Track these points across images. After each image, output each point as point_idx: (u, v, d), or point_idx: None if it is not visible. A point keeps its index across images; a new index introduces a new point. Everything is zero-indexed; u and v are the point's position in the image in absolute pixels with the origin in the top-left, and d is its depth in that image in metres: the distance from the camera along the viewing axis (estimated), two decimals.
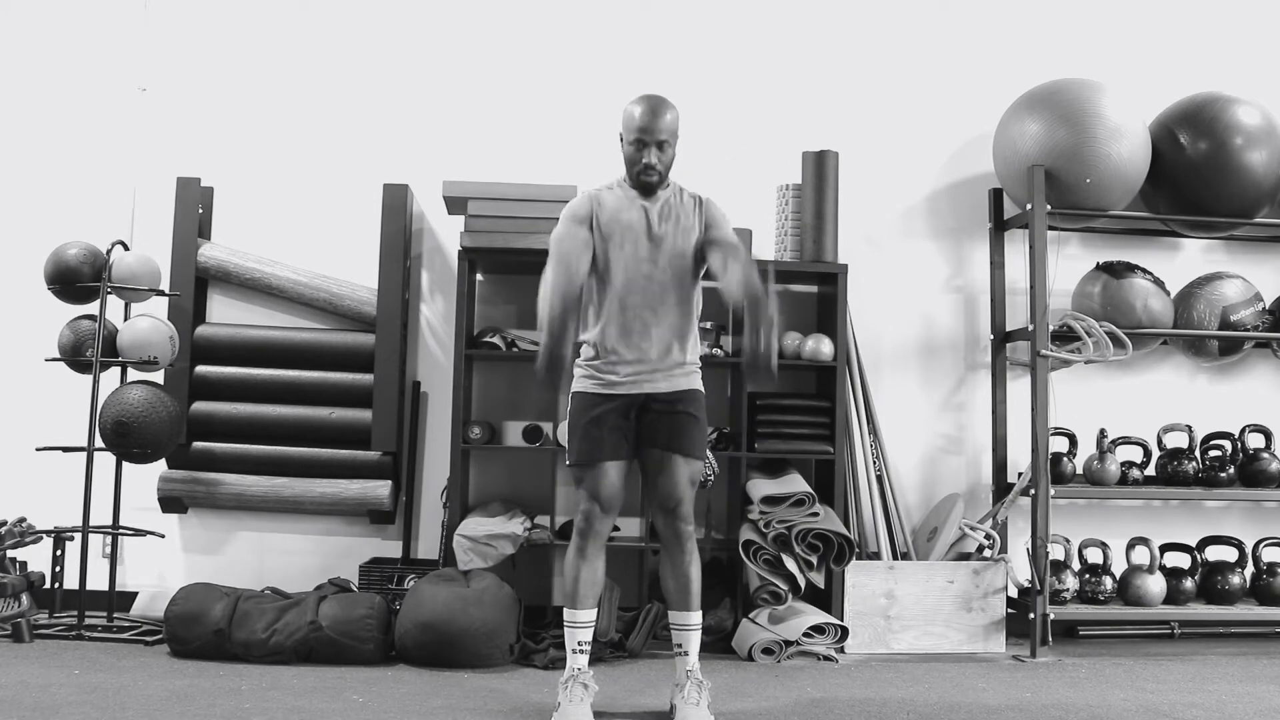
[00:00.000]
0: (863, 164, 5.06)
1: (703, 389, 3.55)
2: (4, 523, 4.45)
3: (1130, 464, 4.92)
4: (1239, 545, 4.85)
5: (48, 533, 4.51)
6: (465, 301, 4.65)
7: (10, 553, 4.43)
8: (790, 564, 4.41)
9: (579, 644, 3.43)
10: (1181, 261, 5.23)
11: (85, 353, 4.49)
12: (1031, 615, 4.53)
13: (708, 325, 4.72)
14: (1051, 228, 4.86)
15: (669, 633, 3.58)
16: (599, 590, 3.48)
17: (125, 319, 4.68)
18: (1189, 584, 4.76)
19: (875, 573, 4.62)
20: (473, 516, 4.63)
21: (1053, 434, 4.79)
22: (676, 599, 3.49)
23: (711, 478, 4.45)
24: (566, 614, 3.45)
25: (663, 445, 3.45)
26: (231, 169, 5.01)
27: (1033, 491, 4.61)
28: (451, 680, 3.88)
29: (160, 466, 4.80)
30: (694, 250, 3.48)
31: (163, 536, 4.70)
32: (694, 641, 3.49)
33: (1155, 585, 4.70)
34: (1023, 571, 4.83)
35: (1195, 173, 4.78)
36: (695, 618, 3.49)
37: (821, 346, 4.71)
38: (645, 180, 3.46)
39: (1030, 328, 4.71)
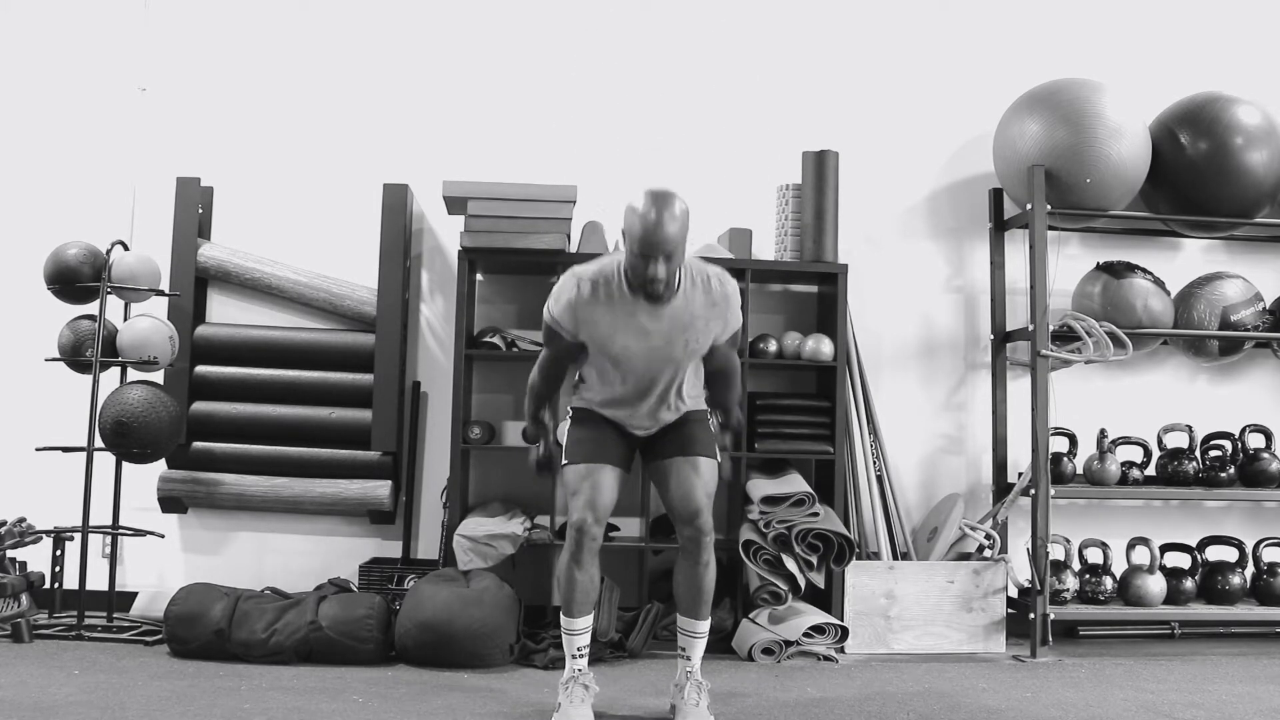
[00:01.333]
0: (863, 164, 5.06)
1: (706, 406, 3.55)
2: (4, 523, 4.45)
3: (1130, 464, 4.92)
4: (1239, 545, 4.85)
5: (48, 533, 4.51)
6: (465, 301, 4.65)
7: (10, 553, 4.43)
8: (790, 564, 4.41)
9: (578, 650, 3.41)
10: (1181, 261, 5.23)
11: (85, 353, 4.49)
12: (1031, 615, 4.53)
13: None
14: (1051, 228, 4.86)
15: (669, 632, 3.58)
16: (595, 595, 3.44)
17: (125, 319, 4.68)
18: (1189, 584, 4.76)
19: (875, 573, 4.62)
20: (473, 516, 4.63)
21: (1053, 434, 4.79)
22: (687, 604, 3.45)
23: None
24: (564, 622, 3.42)
25: (671, 453, 3.43)
26: (231, 169, 5.01)
27: (1033, 491, 4.61)
28: (451, 680, 3.88)
29: (160, 466, 4.79)
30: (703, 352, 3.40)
31: (162, 536, 4.70)
32: (698, 648, 3.47)
33: (1155, 585, 4.70)
34: (1023, 571, 4.83)
35: (1195, 173, 4.78)
36: (703, 625, 3.46)
37: (821, 346, 4.71)
38: (652, 293, 3.19)
39: (1030, 328, 4.71)
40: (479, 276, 4.97)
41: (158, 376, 4.73)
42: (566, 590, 3.38)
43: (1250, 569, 4.86)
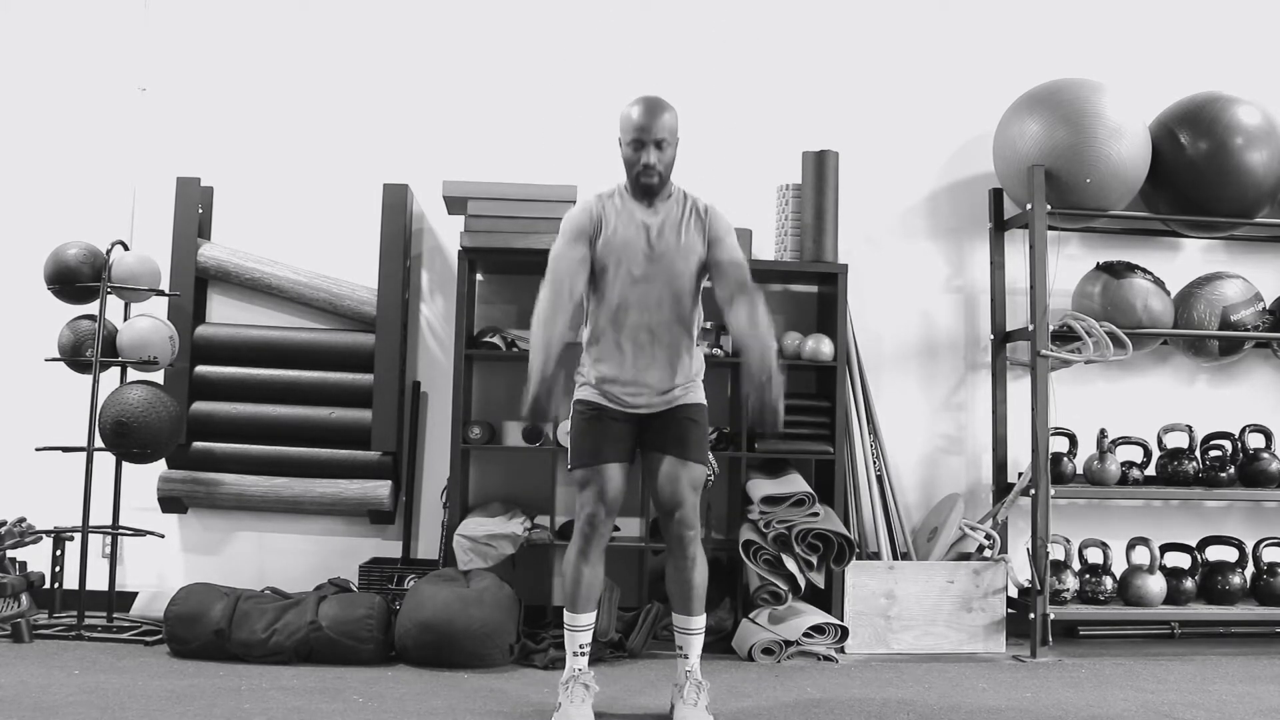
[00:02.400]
0: (863, 164, 5.06)
1: (704, 400, 3.54)
2: (4, 523, 4.45)
3: (1130, 464, 4.92)
4: (1239, 545, 4.85)
5: (48, 533, 4.51)
6: (465, 301, 4.65)
7: (10, 553, 4.42)
8: (790, 564, 4.41)
9: (580, 647, 3.42)
10: (1181, 261, 5.23)
11: (85, 353, 4.49)
12: (1032, 615, 4.53)
13: (708, 325, 4.72)
14: (1051, 228, 4.86)
15: (669, 632, 3.58)
16: (599, 592, 3.46)
17: (125, 319, 4.68)
18: (1189, 584, 4.76)
19: (875, 573, 4.62)
20: (473, 516, 4.63)
21: (1053, 434, 4.79)
22: (679, 601, 3.47)
23: (711, 478, 4.45)
24: (567, 617, 3.43)
25: (663, 449, 3.43)
26: (231, 169, 5.01)
27: (1033, 491, 4.61)
28: (451, 680, 3.88)
29: (160, 466, 4.80)
30: (696, 268, 3.43)
31: (162, 536, 4.70)
32: (695, 645, 3.48)
33: (1155, 585, 4.70)
34: (1023, 571, 4.83)
35: (1195, 173, 4.78)
36: (697, 622, 3.47)
37: (821, 346, 4.71)
38: (645, 181, 3.36)
39: (1030, 328, 4.71)
40: (479, 276, 4.97)
41: (158, 376, 4.73)
42: (572, 586, 3.40)
43: (1250, 569, 4.86)
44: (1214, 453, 4.92)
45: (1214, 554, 4.89)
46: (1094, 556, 4.82)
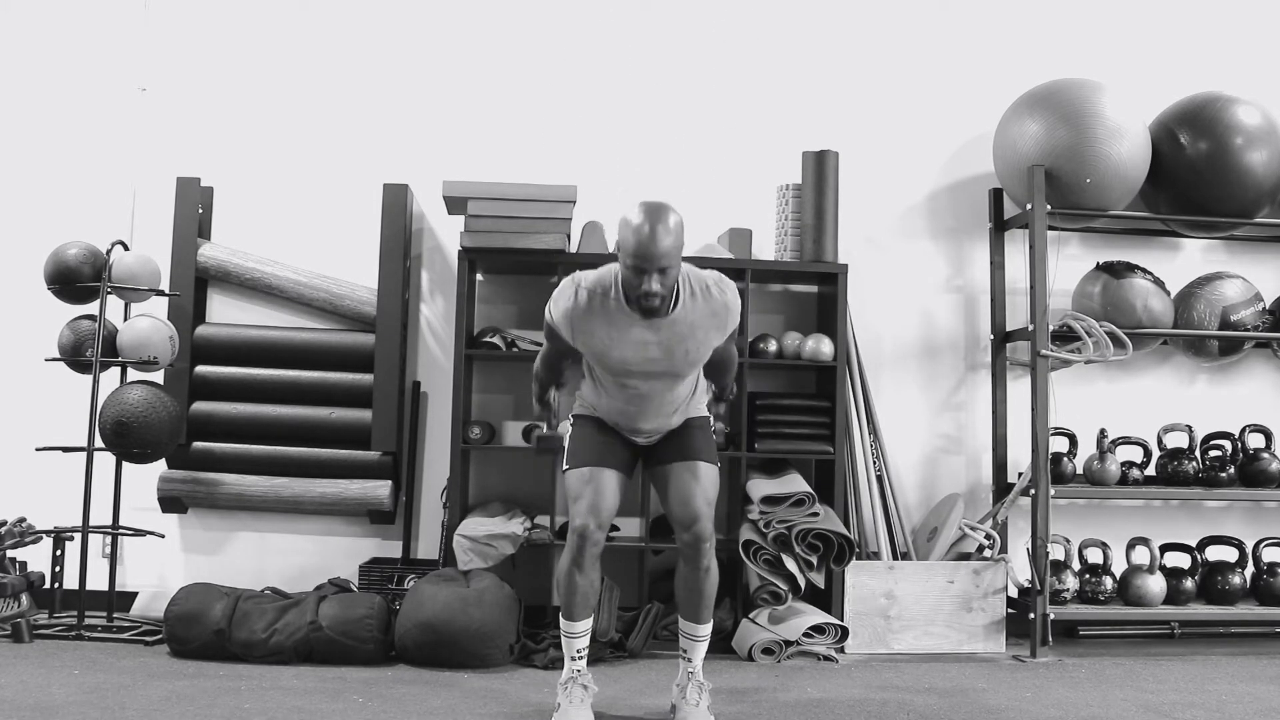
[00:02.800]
0: (863, 164, 5.06)
1: (706, 412, 3.55)
2: (4, 523, 4.45)
3: (1130, 464, 4.92)
4: (1239, 545, 4.85)
5: (48, 533, 4.51)
6: (465, 301, 4.65)
7: (10, 553, 4.42)
8: (790, 564, 4.41)
9: (577, 652, 3.40)
10: (1181, 261, 5.23)
11: (85, 353, 4.49)
12: (1031, 615, 4.53)
13: None
14: (1051, 228, 4.86)
15: (669, 632, 3.58)
16: (595, 599, 3.42)
17: (125, 319, 4.68)
18: (1189, 584, 4.76)
19: (875, 573, 4.62)
20: (473, 516, 4.63)
21: (1053, 434, 4.79)
22: (688, 609, 3.45)
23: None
24: (563, 624, 3.41)
25: (672, 458, 3.42)
26: (231, 169, 5.01)
27: (1033, 491, 4.61)
28: (451, 680, 3.88)
29: (160, 466, 4.79)
30: (707, 357, 3.37)
31: (163, 536, 4.70)
32: (700, 650, 3.47)
33: (1155, 585, 4.69)
34: (1023, 571, 4.83)
35: (1195, 173, 4.78)
36: (704, 629, 3.46)
37: (821, 346, 4.71)
38: (646, 306, 3.13)
39: (1030, 328, 4.71)
40: (479, 276, 4.97)
41: (158, 376, 4.73)
42: (567, 594, 3.37)
43: (1250, 569, 4.86)
44: (1214, 453, 4.92)
45: (1214, 554, 4.89)
46: (1094, 556, 4.82)
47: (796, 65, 5.18)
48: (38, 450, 4.52)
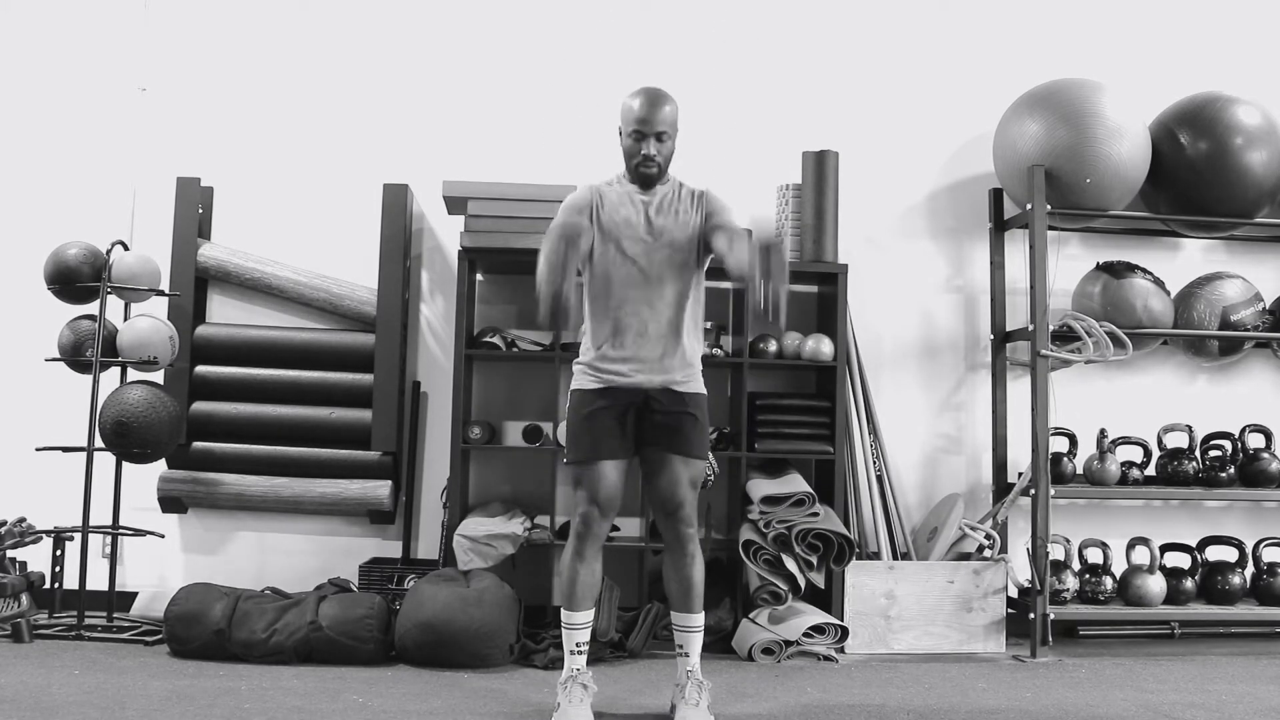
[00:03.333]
0: (863, 164, 5.06)
1: (705, 391, 3.54)
2: (4, 523, 4.45)
3: (1130, 464, 4.92)
4: (1239, 545, 4.85)
5: (48, 533, 4.51)
6: (465, 301, 4.65)
7: (10, 553, 4.43)
8: (790, 564, 4.41)
9: (577, 645, 3.42)
10: (1181, 261, 5.23)
11: (85, 353, 4.49)
12: (1031, 615, 4.53)
13: (708, 325, 4.72)
14: (1051, 228, 4.86)
15: (669, 632, 3.58)
16: (597, 591, 3.46)
17: (125, 319, 4.68)
18: (1189, 584, 4.76)
19: (875, 573, 4.62)
20: (473, 516, 4.63)
21: (1053, 434, 4.79)
22: (678, 600, 3.48)
23: (711, 478, 4.45)
24: (564, 616, 3.44)
25: (663, 446, 3.43)
26: (231, 169, 5.01)
27: (1033, 491, 4.61)
28: (451, 680, 3.88)
29: (160, 466, 4.80)
30: (694, 243, 3.45)
31: (163, 536, 4.70)
32: (695, 643, 3.48)
33: (1155, 585, 4.70)
34: (1023, 571, 4.83)
35: (1195, 173, 4.78)
36: (697, 619, 3.48)
37: (821, 346, 4.71)
38: (644, 172, 3.43)
39: (1030, 328, 4.71)
40: (479, 276, 4.97)
41: (158, 376, 4.73)
42: (569, 585, 3.41)
43: (1250, 569, 4.86)
44: (1214, 453, 4.92)
45: (1214, 554, 4.89)
46: (1094, 556, 4.82)
47: (796, 65, 5.18)
48: (38, 450, 4.52)
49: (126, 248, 4.66)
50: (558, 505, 4.64)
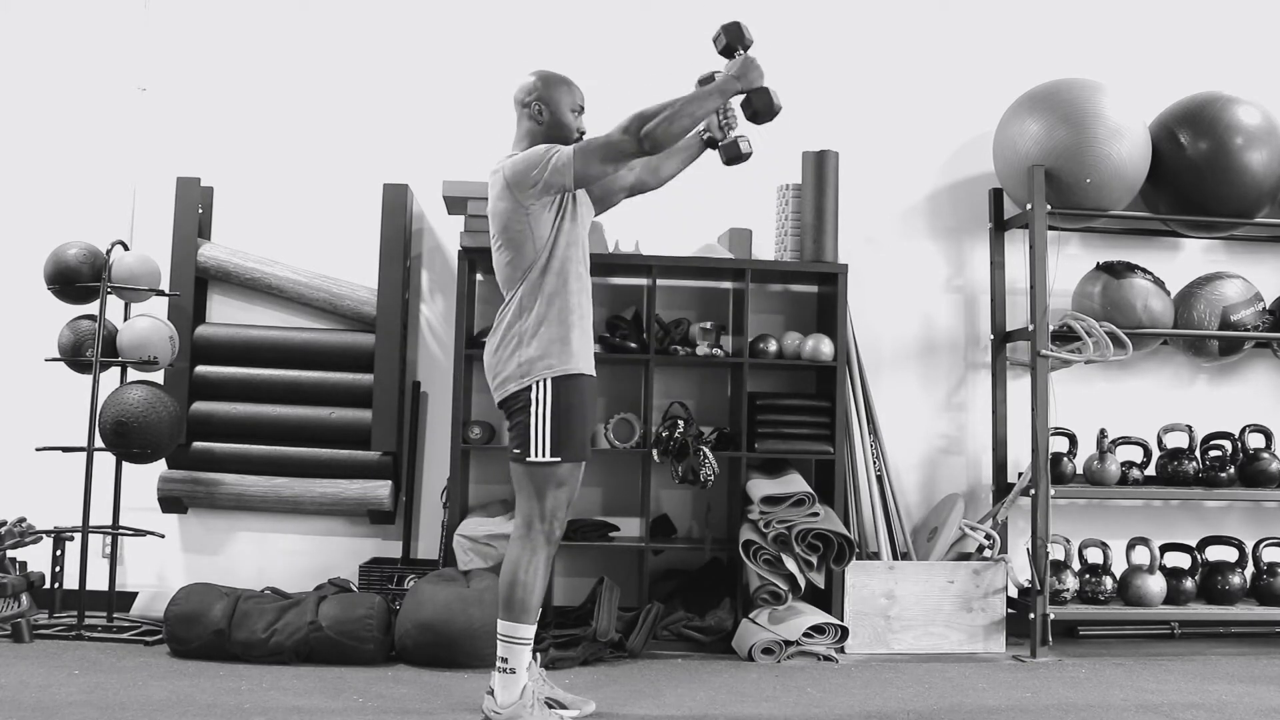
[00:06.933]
0: (863, 164, 5.06)
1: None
2: (4, 523, 4.45)
3: (1130, 464, 4.92)
4: (1239, 545, 4.85)
5: (48, 533, 4.51)
6: (465, 301, 4.65)
7: (10, 553, 4.43)
8: (790, 564, 4.41)
9: (528, 666, 3.29)
10: (1181, 261, 5.23)
11: (85, 353, 4.49)
12: (1031, 615, 4.53)
13: (708, 325, 4.73)
14: (1051, 228, 4.86)
15: (669, 632, 3.58)
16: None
17: (125, 319, 4.68)
18: (1189, 584, 4.75)
19: (875, 573, 4.62)
20: (473, 517, 4.63)
21: (1053, 434, 4.79)
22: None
23: (712, 478, 4.44)
24: (519, 630, 3.21)
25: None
26: (231, 169, 5.01)
27: (1033, 491, 4.61)
28: (451, 680, 3.88)
29: (160, 466, 4.80)
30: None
31: (163, 536, 4.70)
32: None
33: (1155, 585, 4.69)
34: (1023, 571, 4.83)
35: (1195, 173, 4.78)
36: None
37: (821, 346, 4.71)
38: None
39: (1030, 328, 4.71)
40: (479, 276, 4.97)
41: (158, 376, 4.73)
42: (530, 594, 3.22)
43: (1250, 569, 4.86)
44: (1214, 453, 4.92)
45: (1214, 554, 4.89)
46: (1094, 556, 4.82)
47: (796, 65, 5.17)
48: (38, 450, 4.52)
49: (126, 248, 4.66)
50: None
